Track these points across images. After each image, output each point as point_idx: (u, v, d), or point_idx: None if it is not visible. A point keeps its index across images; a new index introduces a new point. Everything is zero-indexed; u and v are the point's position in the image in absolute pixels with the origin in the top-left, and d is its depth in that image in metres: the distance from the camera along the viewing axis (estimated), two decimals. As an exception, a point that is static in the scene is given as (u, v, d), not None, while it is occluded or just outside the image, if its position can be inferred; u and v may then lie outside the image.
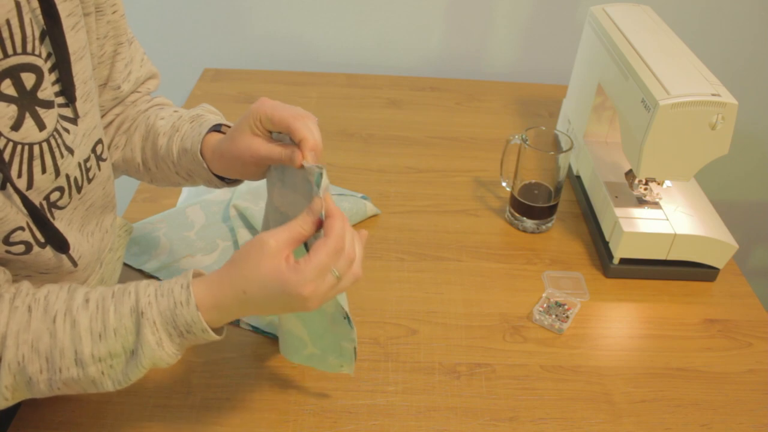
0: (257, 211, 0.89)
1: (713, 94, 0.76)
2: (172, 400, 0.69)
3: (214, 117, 0.68)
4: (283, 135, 0.59)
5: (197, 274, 0.55)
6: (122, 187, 0.92)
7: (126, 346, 0.52)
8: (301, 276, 0.51)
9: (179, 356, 0.55)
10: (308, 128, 0.56)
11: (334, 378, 0.73)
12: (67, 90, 0.56)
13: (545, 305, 0.83)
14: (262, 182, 0.65)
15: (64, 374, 0.52)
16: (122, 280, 0.77)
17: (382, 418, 0.69)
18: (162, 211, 0.94)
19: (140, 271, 0.85)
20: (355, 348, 0.64)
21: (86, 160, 0.59)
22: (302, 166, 0.56)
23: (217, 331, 0.56)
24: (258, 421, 0.68)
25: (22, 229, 0.53)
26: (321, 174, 0.55)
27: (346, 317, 0.61)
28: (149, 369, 0.53)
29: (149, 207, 0.96)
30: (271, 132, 0.59)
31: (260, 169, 0.62)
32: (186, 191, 0.99)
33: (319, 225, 0.54)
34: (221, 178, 0.66)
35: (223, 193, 0.96)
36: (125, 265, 0.85)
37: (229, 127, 0.67)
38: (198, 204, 0.94)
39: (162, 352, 0.53)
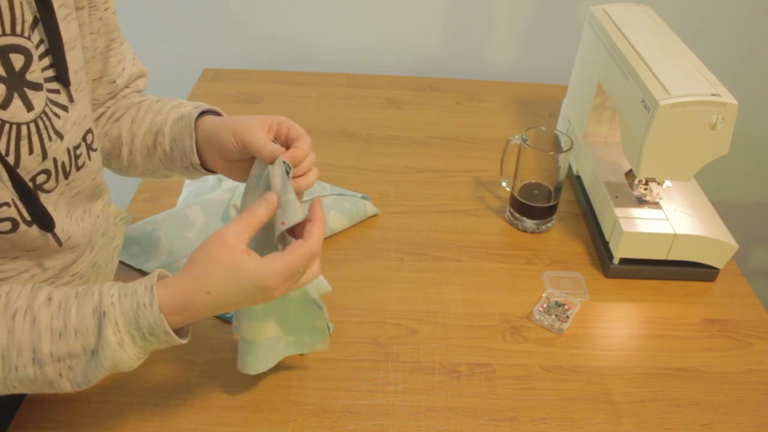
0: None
1: (713, 94, 0.76)
2: (172, 400, 0.69)
3: (220, 110, 0.72)
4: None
5: (162, 276, 0.55)
6: (122, 186, 0.92)
7: (86, 346, 0.52)
8: (267, 268, 0.53)
9: (141, 360, 0.55)
10: (309, 148, 0.63)
11: (334, 378, 0.73)
12: (61, 75, 0.57)
13: (545, 305, 0.83)
14: None
15: (20, 373, 0.51)
16: (122, 280, 0.77)
17: (382, 418, 0.69)
18: (162, 211, 0.94)
19: (140, 271, 0.85)
20: (327, 325, 0.67)
21: (76, 147, 0.60)
22: (272, 163, 0.60)
23: (181, 334, 0.56)
24: (258, 421, 0.68)
25: (8, 205, 0.53)
26: (289, 171, 0.59)
27: (315, 302, 0.65)
28: (110, 371, 0.53)
29: (149, 207, 0.96)
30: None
31: (234, 157, 0.65)
32: (186, 191, 0.99)
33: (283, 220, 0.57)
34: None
35: (223, 194, 0.96)
36: (126, 265, 0.85)
37: None
38: (198, 204, 0.94)
39: (123, 353, 0.52)
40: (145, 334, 0.53)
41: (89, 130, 0.62)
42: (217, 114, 0.70)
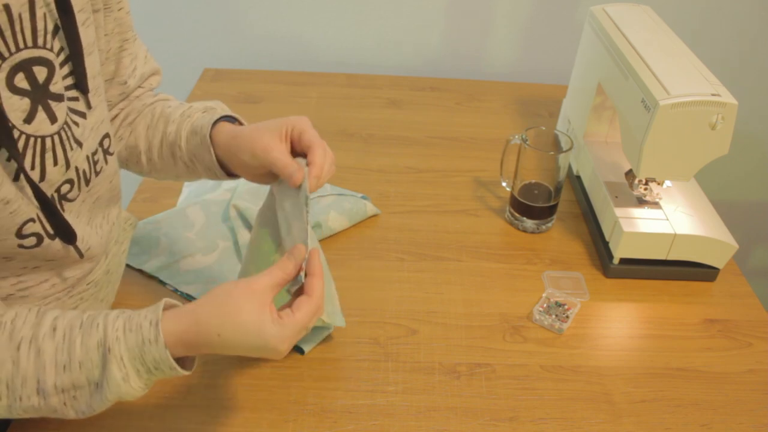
0: (257, 211, 0.89)
1: (713, 94, 0.76)
2: (172, 400, 0.69)
3: (227, 109, 0.70)
4: (300, 160, 0.62)
5: (169, 306, 0.54)
6: (123, 187, 0.92)
7: (91, 378, 0.51)
8: (283, 331, 0.52)
9: (147, 390, 0.54)
10: (324, 157, 0.61)
11: (334, 378, 0.73)
12: (80, 82, 0.56)
13: (545, 305, 0.83)
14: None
15: (24, 402, 0.51)
16: (123, 279, 0.78)
17: (382, 418, 0.69)
18: (162, 211, 0.94)
19: (140, 271, 0.85)
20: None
21: (94, 153, 0.60)
22: (299, 187, 0.59)
23: (186, 366, 0.55)
24: (258, 421, 0.68)
25: (33, 221, 0.53)
26: (308, 203, 0.59)
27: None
28: (114, 402, 0.53)
29: (149, 207, 0.96)
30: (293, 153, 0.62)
31: (258, 171, 0.63)
32: (186, 191, 0.99)
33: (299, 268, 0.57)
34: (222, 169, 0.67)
35: (223, 194, 0.96)
36: (126, 265, 0.85)
37: (242, 124, 0.68)
38: (198, 204, 0.94)
39: (128, 387, 0.52)
40: (150, 369, 0.52)
41: (106, 135, 0.62)
42: (229, 118, 0.68)
